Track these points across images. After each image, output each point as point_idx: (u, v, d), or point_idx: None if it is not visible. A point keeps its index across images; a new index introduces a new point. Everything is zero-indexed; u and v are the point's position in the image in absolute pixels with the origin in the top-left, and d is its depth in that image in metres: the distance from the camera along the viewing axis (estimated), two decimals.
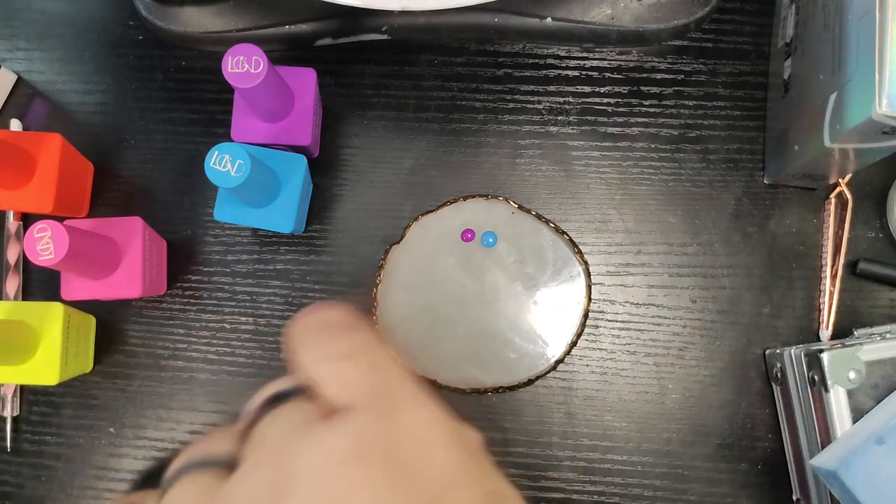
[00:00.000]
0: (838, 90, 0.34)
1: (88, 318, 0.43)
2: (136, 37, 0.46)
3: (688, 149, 0.44)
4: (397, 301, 0.43)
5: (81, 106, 0.46)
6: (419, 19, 0.43)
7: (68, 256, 0.35)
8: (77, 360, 0.41)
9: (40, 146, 0.41)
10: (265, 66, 0.36)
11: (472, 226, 0.43)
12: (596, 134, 0.44)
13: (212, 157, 0.35)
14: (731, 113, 0.44)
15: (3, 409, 0.43)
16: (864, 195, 0.44)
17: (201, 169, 0.35)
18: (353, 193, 0.45)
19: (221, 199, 0.40)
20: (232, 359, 0.44)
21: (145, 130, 0.45)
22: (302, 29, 0.43)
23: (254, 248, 0.44)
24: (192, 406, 0.43)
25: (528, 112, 0.45)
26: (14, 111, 0.46)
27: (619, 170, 0.44)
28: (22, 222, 0.45)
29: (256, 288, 0.44)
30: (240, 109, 0.41)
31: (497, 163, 0.44)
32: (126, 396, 0.44)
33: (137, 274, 0.40)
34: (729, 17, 0.45)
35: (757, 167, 0.44)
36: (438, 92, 0.45)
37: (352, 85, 0.45)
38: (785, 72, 0.42)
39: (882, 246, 0.43)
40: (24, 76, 0.46)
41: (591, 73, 0.45)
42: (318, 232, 0.44)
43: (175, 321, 0.44)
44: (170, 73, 0.46)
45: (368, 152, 0.45)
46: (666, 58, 0.45)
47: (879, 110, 0.31)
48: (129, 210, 0.45)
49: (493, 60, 0.45)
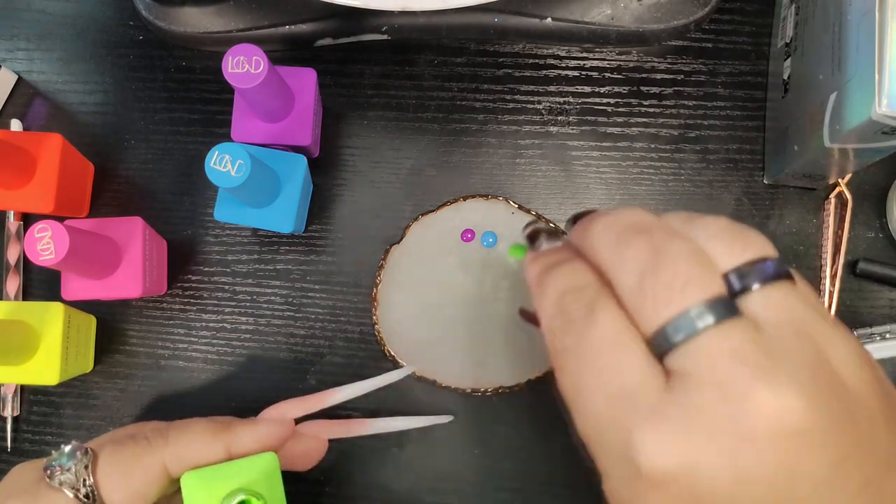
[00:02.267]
0: (838, 90, 0.34)
1: (89, 318, 0.43)
2: (136, 37, 0.46)
3: (687, 149, 0.44)
4: (397, 301, 0.43)
5: (82, 106, 0.46)
6: (419, 19, 0.43)
7: (68, 256, 0.35)
8: (77, 360, 0.41)
9: (41, 146, 0.41)
10: (265, 66, 0.36)
11: (472, 226, 0.43)
12: (596, 134, 0.44)
13: (212, 157, 0.35)
14: (731, 113, 0.45)
15: (4, 409, 0.43)
16: (863, 195, 0.43)
17: (201, 169, 0.35)
18: (353, 193, 0.45)
19: (221, 199, 0.40)
20: (232, 359, 0.44)
21: (145, 130, 0.45)
22: (302, 29, 0.43)
23: (254, 248, 0.44)
24: (193, 406, 0.43)
25: (528, 112, 0.45)
26: (14, 111, 0.46)
27: (619, 170, 0.44)
28: (22, 222, 0.45)
29: (256, 288, 0.44)
30: (240, 109, 0.41)
31: (497, 163, 0.44)
32: (126, 396, 0.44)
33: (137, 274, 0.40)
34: (729, 18, 0.45)
35: (757, 167, 0.44)
36: (438, 92, 0.45)
37: (352, 85, 0.45)
38: (785, 72, 0.42)
39: (882, 246, 0.43)
40: (24, 76, 0.46)
41: (590, 73, 0.45)
42: (318, 232, 0.44)
43: (175, 321, 0.44)
44: (170, 74, 0.46)
45: (368, 152, 0.45)
46: (666, 58, 0.45)
47: (879, 110, 0.31)
48: (130, 210, 0.45)
49: (493, 60, 0.45)
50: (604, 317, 0.21)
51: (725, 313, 0.20)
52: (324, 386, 0.43)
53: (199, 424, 0.35)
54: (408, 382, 0.43)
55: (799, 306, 0.21)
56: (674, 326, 0.20)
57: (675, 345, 0.20)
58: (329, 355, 0.43)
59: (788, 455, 0.19)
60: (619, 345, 0.21)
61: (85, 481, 0.32)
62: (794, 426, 0.19)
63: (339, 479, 0.40)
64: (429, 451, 0.42)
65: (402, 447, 0.42)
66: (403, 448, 0.42)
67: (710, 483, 0.19)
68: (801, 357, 0.20)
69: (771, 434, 0.19)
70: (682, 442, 0.19)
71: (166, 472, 0.33)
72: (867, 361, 0.21)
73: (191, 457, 0.34)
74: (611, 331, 0.21)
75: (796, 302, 0.21)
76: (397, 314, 0.43)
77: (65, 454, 0.33)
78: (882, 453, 0.20)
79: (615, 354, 0.21)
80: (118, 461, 0.33)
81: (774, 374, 0.19)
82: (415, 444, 0.42)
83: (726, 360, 0.19)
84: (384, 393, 0.43)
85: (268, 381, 0.43)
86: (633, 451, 0.20)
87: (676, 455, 0.19)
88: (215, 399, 0.43)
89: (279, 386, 0.43)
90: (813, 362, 0.20)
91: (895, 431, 0.20)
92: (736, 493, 0.19)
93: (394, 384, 0.42)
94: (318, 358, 0.43)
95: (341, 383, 0.43)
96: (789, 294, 0.21)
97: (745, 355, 0.19)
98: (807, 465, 0.19)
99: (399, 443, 0.42)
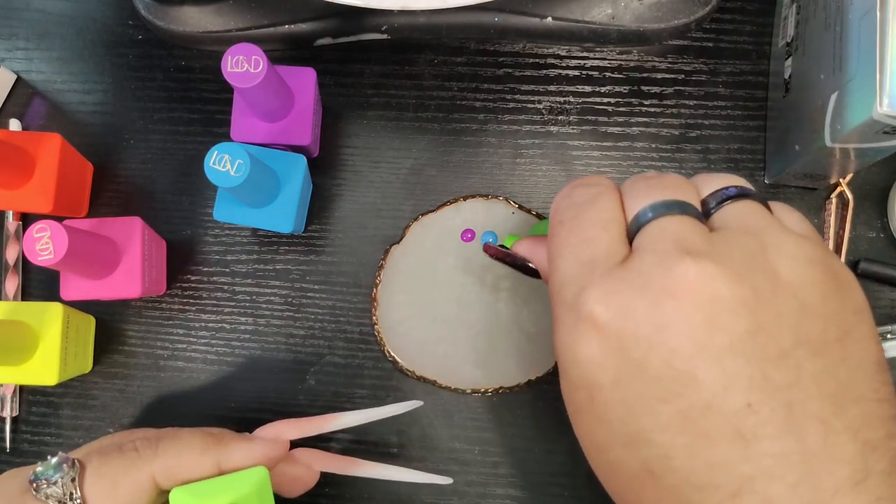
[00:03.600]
0: (839, 90, 0.34)
1: (88, 319, 0.43)
2: (135, 36, 0.46)
3: (688, 149, 0.44)
4: (397, 301, 0.43)
5: (81, 106, 0.46)
6: (419, 19, 0.43)
7: (67, 256, 0.35)
8: (76, 360, 0.41)
9: (40, 146, 0.41)
10: (265, 66, 0.35)
11: (472, 226, 0.43)
12: (596, 134, 0.44)
13: (211, 157, 0.35)
14: (732, 113, 0.44)
15: (3, 410, 0.43)
16: (865, 195, 0.43)
17: (201, 169, 0.35)
18: (353, 193, 0.44)
19: (221, 198, 0.40)
20: (232, 359, 0.43)
21: (145, 130, 0.45)
22: (302, 28, 0.43)
23: (253, 248, 0.44)
24: (192, 407, 0.43)
25: (528, 112, 0.45)
26: (13, 111, 0.46)
27: (620, 170, 0.44)
28: (21, 222, 0.45)
29: (256, 288, 0.44)
30: (239, 109, 0.41)
31: (497, 163, 0.44)
32: (125, 397, 0.43)
33: (137, 274, 0.40)
34: (730, 17, 0.45)
35: (758, 167, 0.44)
36: (438, 92, 0.45)
37: (352, 85, 0.45)
38: (786, 71, 0.42)
39: (883, 246, 0.43)
40: (23, 76, 0.46)
41: (591, 73, 0.45)
42: (317, 232, 0.44)
43: (174, 321, 0.44)
44: (169, 73, 0.46)
45: (368, 152, 0.45)
46: (667, 57, 0.45)
47: (880, 110, 0.31)
48: (129, 210, 0.45)
49: (494, 60, 0.45)
50: (604, 201, 0.27)
51: (686, 210, 0.25)
52: (323, 386, 0.43)
53: (190, 436, 0.35)
54: (409, 384, 0.43)
55: (751, 215, 0.25)
56: (644, 210, 0.25)
57: (642, 225, 0.25)
58: (329, 356, 0.43)
59: (705, 313, 0.23)
60: (604, 224, 0.26)
61: (72, 495, 0.32)
62: (711, 291, 0.23)
63: (339, 479, 0.40)
64: (429, 452, 0.42)
65: (403, 447, 0.42)
66: (404, 448, 0.42)
67: (635, 327, 0.23)
68: (737, 247, 0.24)
69: (690, 293, 0.23)
70: (619, 293, 0.24)
71: (155, 484, 0.33)
72: (819, 264, 0.24)
73: (180, 470, 0.33)
74: (603, 212, 0.26)
75: (750, 212, 0.26)
76: (397, 314, 0.43)
77: (51, 466, 0.32)
78: (809, 337, 0.23)
79: (597, 230, 0.26)
80: (105, 473, 0.33)
81: (705, 253, 0.24)
82: (415, 445, 0.42)
83: (670, 238, 0.24)
84: (384, 392, 0.43)
85: (267, 382, 0.43)
86: (580, 299, 0.25)
87: (612, 305, 0.24)
88: (214, 399, 0.43)
89: (278, 386, 0.43)
90: (748, 252, 0.24)
91: (832, 325, 0.23)
92: (655, 339, 0.23)
93: (394, 385, 0.42)
94: (317, 358, 0.43)
95: (341, 384, 0.43)
96: (745, 206, 0.26)
97: (685, 237, 0.24)
98: (721, 324, 0.23)
99: (399, 443, 0.42)
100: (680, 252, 0.24)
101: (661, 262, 0.24)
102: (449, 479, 0.39)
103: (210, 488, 0.33)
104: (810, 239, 0.25)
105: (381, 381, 0.43)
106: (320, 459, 0.39)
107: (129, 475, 0.33)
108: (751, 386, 0.22)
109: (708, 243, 0.24)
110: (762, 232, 0.25)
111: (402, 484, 0.41)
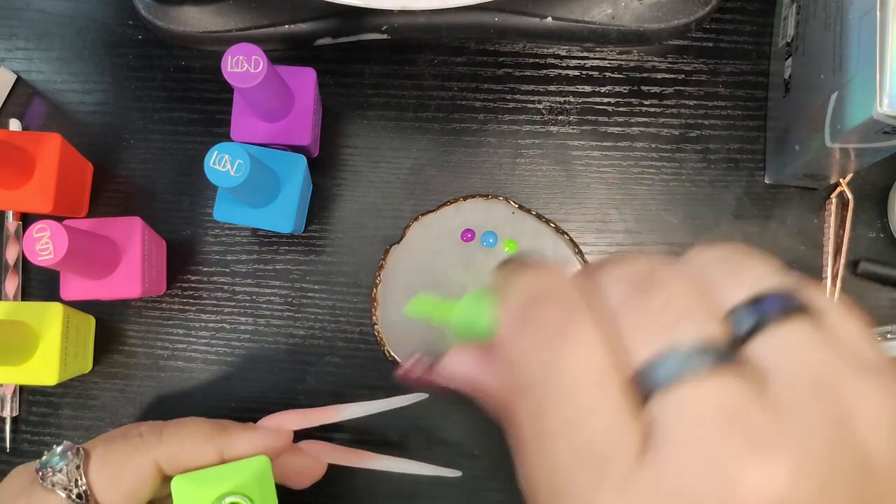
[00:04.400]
0: (839, 90, 0.34)
1: (88, 319, 0.43)
2: (135, 36, 0.46)
3: (688, 148, 0.44)
4: (397, 301, 0.43)
5: (81, 106, 0.46)
6: (419, 19, 0.43)
7: (67, 256, 0.35)
8: (76, 360, 0.41)
9: (40, 146, 0.41)
10: (265, 66, 0.35)
11: (472, 226, 0.43)
12: (596, 134, 0.44)
13: (211, 157, 0.35)
14: (732, 112, 0.44)
15: (3, 410, 0.43)
16: (865, 195, 0.43)
17: (201, 169, 0.35)
18: (353, 193, 0.44)
19: (221, 198, 0.40)
20: (231, 359, 0.43)
21: (145, 130, 0.45)
22: (302, 28, 0.43)
23: (253, 248, 0.44)
24: (192, 407, 0.43)
25: (528, 112, 0.45)
26: (13, 111, 0.46)
27: (620, 170, 0.44)
28: (21, 222, 0.45)
29: (256, 288, 0.44)
30: (239, 109, 0.41)
31: (497, 163, 0.44)
32: (125, 396, 0.43)
33: (137, 274, 0.40)
34: (730, 17, 0.45)
35: (758, 167, 0.44)
36: (438, 92, 0.45)
37: (352, 85, 0.45)
38: (786, 71, 0.42)
39: (883, 246, 0.43)
40: (23, 76, 0.46)
41: (591, 73, 0.45)
42: (317, 232, 0.44)
43: (174, 321, 0.44)
44: (169, 73, 0.46)
45: (368, 152, 0.45)
46: (666, 57, 0.45)
47: (880, 110, 0.31)
48: (129, 210, 0.45)
49: (494, 60, 0.45)
50: (580, 336, 0.17)
51: (723, 358, 0.16)
52: (323, 386, 0.43)
53: (194, 424, 0.35)
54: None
55: (817, 351, 0.17)
56: (659, 362, 0.16)
57: (660, 387, 0.16)
58: (329, 356, 0.43)
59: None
60: (597, 382, 0.17)
61: (77, 481, 0.32)
62: (775, 496, 0.15)
63: (339, 479, 0.40)
64: (430, 452, 0.42)
65: (404, 448, 0.42)
66: (405, 448, 0.42)
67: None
68: (813, 421, 0.16)
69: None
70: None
71: (159, 470, 0.33)
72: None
73: (184, 457, 0.34)
74: (587, 363, 0.17)
75: (814, 345, 0.17)
76: (397, 314, 0.42)
77: (56, 454, 0.33)
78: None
79: (591, 396, 0.17)
80: (110, 460, 0.33)
81: (773, 443, 0.15)
82: (415, 445, 0.42)
83: (717, 422, 0.15)
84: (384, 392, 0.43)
85: (267, 382, 0.43)
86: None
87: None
88: (214, 399, 0.43)
89: (278, 386, 0.43)
90: (828, 426, 0.16)
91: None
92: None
93: (394, 384, 0.42)
94: (317, 358, 0.43)
95: (341, 384, 0.43)
96: (805, 335, 0.17)
97: (739, 419, 0.15)
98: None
99: (400, 443, 0.42)
100: (736, 453, 0.15)
101: (710, 476, 0.15)
102: (457, 472, 0.40)
103: (211, 476, 0.33)
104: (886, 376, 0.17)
105: (381, 381, 0.43)
106: (328, 451, 0.39)
107: (132, 460, 0.33)
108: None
109: (773, 420, 0.15)
110: (834, 380, 0.16)
111: (405, 479, 0.41)
